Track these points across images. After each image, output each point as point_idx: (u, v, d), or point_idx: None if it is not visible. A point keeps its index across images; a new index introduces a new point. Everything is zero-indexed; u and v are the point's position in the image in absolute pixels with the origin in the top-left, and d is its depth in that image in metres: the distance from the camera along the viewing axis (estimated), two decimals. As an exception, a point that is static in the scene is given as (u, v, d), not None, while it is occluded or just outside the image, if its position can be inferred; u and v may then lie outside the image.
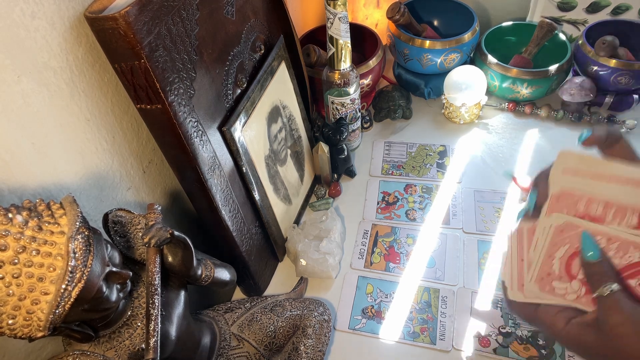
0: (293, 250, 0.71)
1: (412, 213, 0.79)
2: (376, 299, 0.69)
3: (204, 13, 0.51)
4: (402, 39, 0.90)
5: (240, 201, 0.62)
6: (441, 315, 0.66)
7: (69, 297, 0.35)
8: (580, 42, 0.87)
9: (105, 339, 0.43)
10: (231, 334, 0.59)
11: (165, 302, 0.48)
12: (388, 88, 0.96)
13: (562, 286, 0.37)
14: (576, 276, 0.37)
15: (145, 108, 0.48)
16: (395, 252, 0.74)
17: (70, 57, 0.45)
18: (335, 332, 0.66)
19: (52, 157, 0.45)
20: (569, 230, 0.37)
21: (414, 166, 0.87)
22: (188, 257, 0.48)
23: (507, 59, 0.92)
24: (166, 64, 0.46)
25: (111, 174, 0.53)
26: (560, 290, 0.37)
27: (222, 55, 0.56)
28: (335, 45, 0.72)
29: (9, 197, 0.41)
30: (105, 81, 0.50)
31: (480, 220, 0.77)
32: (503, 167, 0.84)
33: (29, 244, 0.34)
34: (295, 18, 0.95)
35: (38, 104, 0.43)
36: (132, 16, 0.41)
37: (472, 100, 0.88)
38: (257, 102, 0.62)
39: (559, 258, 0.37)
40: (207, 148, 0.54)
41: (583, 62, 0.87)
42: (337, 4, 0.67)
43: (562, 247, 0.37)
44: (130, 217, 0.49)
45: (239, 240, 0.62)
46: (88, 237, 0.37)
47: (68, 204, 0.38)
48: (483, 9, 1.04)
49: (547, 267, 0.38)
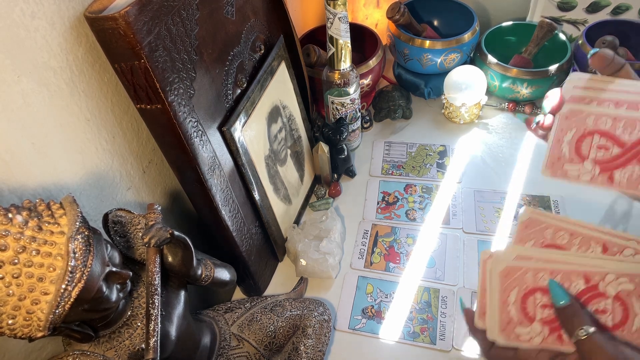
0: (293, 250, 0.71)
1: (412, 213, 0.79)
2: (376, 299, 0.69)
3: (204, 13, 0.51)
4: (402, 39, 0.90)
5: (240, 201, 0.62)
6: (441, 315, 0.66)
7: (69, 297, 0.35)
8: (580, 42, 0.87)
9: (105, 339, 0.43)
10: (231, 334, 0.59)
11: (165, 302, 0.48)
12: (388, 88, 0.96)
13: (525, 331, 0.37)
14: (535, 317, 0.37)
15: (145, 108, 0.48)
16: (395, 252, 0.74)
17: (70, 57, 0.45)
18: (335, 332, 0.66)
19: (52, 157, 0.45)
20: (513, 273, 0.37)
21: (414, 166, 0.87)
22: (188, 257, 0.48)
23: (507, 59, 0.91)
24: (166, 64, 0.46)
25: (111, 174, 0.53)
26: (524, 336, 0.37)
27: (222, 55, 0.56)
28: (335, 45, 0.72)
29: (9, 197, 0.41)
30: (105, 81, 0.50)
31: (480, 220, 0.77)
32: (503, 167, 0.84)
33: (29, 244, 0.34)
34: (295, 18, 0.95)
35: (38, 104, 0.43)
36: (132, 16, 0.41)
37: (472, 100, 0.88)
38: (257, 102, 0.62)
39: (512, 303, 0.37)
40: (207, 148, 0.54)
41: (583, 62, 0.87)
42: (337, 4, 0.67)
43: (512, 292, 0.37)
44: (130, 217, 0.49)
45: (239, 240, 0.62)
46: (88, 237, 0.37)
47: (68, 204, 0.38)
48: (483, 9, 1.04)
49: (505, 314, 0.37)
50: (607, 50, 0.38)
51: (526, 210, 0.38)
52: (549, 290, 0.36)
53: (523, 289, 0.37)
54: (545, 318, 0.37)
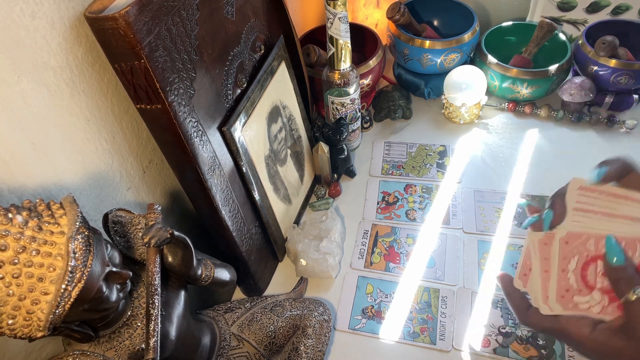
0: (293, 250, 0.71)
1: (412, 213, 0.79)
2: (376, 299, 0.69)
3: (204, 13, 0.51)
4: (402, 39, 0.90)
5: (240, 201, 0.62)
6: (441, 315, 0.66)
7: (69, 297, 0.35)
8: (580, 42, 0.87)
9: (105, 339, 0.43)
10: (231, 334, 0.59)
11: (165, 302, 0.48)
12: (388, 88, 0.96)
13: (584, 300, 0.36)
14: (595, 286, 0.36)
15: (145, 108, 0.48)
16: (395, 252, 0.74)
17: (70, 57, 0.45)
18: (335, 332, 0.66)
19: (52, 157, 0.45)
20: (574, 240, 0.36)
21: (414, 166, 0.87)
22: (188, 257, 0.48)
23: (507, 59, 0.92)
24: (166, 64, 0.46)
25: (111, 174, 0.53)
26: (583, 305, 0.36)
27: (222, 55, 0.56)
28: (335, 45, 0.72)
29: (9, 197, 0.41)
30: (105, 81, 0.50)
31: (480, 220, 0.77)
32: (503, 167, 0.84)
33: (29, 244, 0.34)
34: (295, 18, 0.95)
35: (38, 104, 0.43)
36: (132, 16, 0.41)
37: (472, 100, 0.88)
38: (257, 102, 0.62)
39: (572, 271, 0.36)
40: (207, 148, 0.54)
41: (583, 62, 0.87)
42: (337, 4, 0.67)
43: (572, 259, 0.36)
44: (130, 217, 0.49)
45: (239, 240, 0.62)
46: (88, 237, 0.37)
47: (68, 204, 0.38)
48: (483, 9, 1.04)
49: (564, 282, 0.36)
50: (613, 165, 0.38)
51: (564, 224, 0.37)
52: (605, 246, 0.35)
53: (584, 256, 0.36)
54: (605, 287, 0.36)
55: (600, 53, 0.83)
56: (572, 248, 0.36)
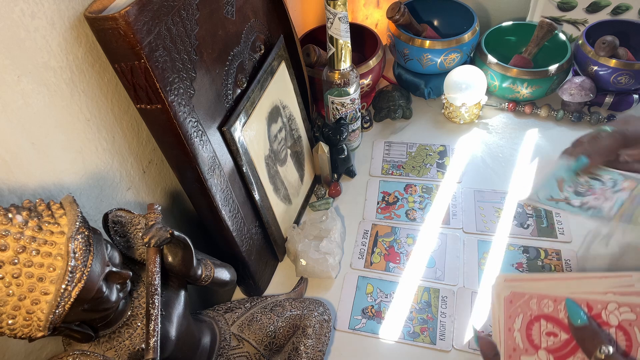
0: (293, 250, 0.71)
1: (412, 213, 0.79)
2: (376, 299, 0.69)
3: (204, 13, 0.51)
4: (402, 39, 0.90)
5: (240, 201, 0.62)
6: (441, 315, 0.66)
7: (69, 297, 0.35)
8: (580, 42, 0.87)
9: (105, 339, 0.43)
10: (231, 334, 0.59)
11: (165, 302, 0.48)
12: (388, 88, 0.96)
13: None
14: (540, 345, 0.36)
15: (145, 108, 0.48)
16: (395, 252, 0.74)
17: (70, 57, 0.45)
18: (335, 332, 0.66)
19: (52, 157, 0.45)
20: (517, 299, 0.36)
21: (414, 166, 0.87)
22: (188, 257, 0.48)
23: (507, 59, 0.92)
24: (166, 64, 0.46)
25: (111, 174, 0.53)
26: None
27: (222, 55, 0.56)
28: (335, 45, 0.72)
29: (9, 197, 0.41)
30: (105, 81, 0.50)
31: (480, 220, 0.77)
32: (503, 167, 0.84)
33: (28, 244, 0.34)
34: (295, 18, 0.95)
35: (38, 104, 0.43)
36: (132, 16, 0.41)
37: (472, 100, 0.88)
38: (257, 102, 0.62)
39: (517, 330, 0.36)
40: (207, 148, 0.54)
41: (583, 62, 0.87)
42: (337, 4, 0.67)
43: (517, 318, 0.36)
44: (130, 217, 0.49)
45: (239, 240, 0.62)
46: (88, 237, 0.37)
47: (68, 204, 0.38)
48: (483, 9, 1.04)
49: (510, 341, 0.36)
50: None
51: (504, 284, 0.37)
52: (566, 309, 0.35)
53: (528, 315, 0.36)
54: (550, 346, 0.35)
55: (600, 53, 0.83)
56: (517, 307, 0.36)
